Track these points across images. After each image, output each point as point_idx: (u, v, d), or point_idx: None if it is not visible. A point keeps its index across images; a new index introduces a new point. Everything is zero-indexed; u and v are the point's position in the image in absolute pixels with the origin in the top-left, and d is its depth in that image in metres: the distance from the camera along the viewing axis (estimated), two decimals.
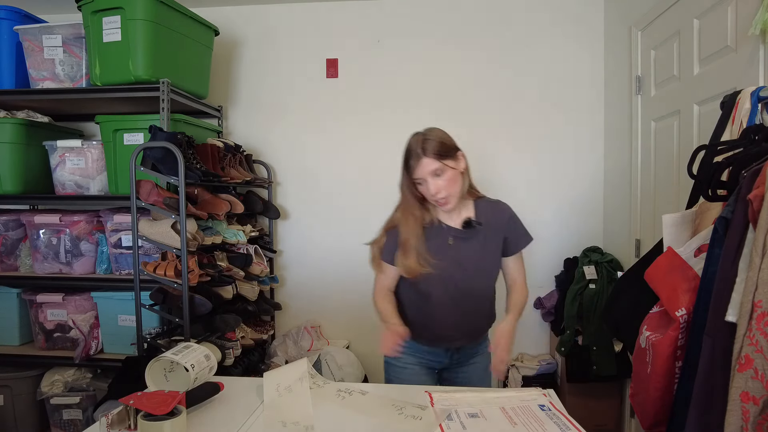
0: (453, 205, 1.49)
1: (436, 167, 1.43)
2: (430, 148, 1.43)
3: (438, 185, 1.44)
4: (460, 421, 1.17)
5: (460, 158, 1.50)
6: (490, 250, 1.56)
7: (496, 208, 1.59)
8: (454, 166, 1.46)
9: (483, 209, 1.57)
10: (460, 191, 1.50)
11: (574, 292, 2.47)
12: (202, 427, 1.16)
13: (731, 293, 0.92)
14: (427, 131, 1.49)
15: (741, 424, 0.86)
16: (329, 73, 2.93)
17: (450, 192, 1.46)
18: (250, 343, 2.52)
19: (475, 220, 1.54)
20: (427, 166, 1.43)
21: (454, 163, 1.47)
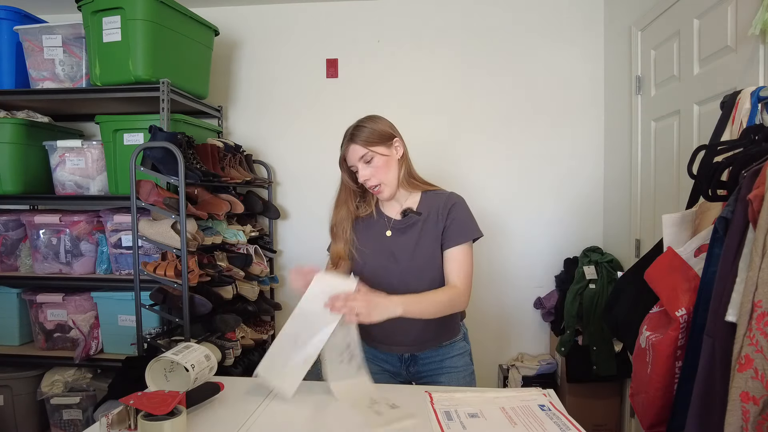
0: (388, 194, 1.46)
1: (363, 153, 1.43)
2: (359, 135, 1.43)
3: (366, 172, 1.43)
4: (460, 421, 1.17)
5: (395, 146, 1.47)
6: (426, 243, 1.45)
7: (441, 198, 1.48)
8: (385, 153, 1.44)
9: (428, 200, 1.49)
10: (395, 179, 1.46)
11: (574, 292, 2.47)
12: (202, 427, 1.16)
13: (731, 293, 0.92)
14: (363, 119, 1.48)
15: (741, 424, 0.86)
16: (329, 73, 2.93)
17: (381, 179, 1.44)
18: (250, 343, 2.52)
19: (413, 210, 1.48)
20: (354, 152, 1.44)
21: (386, 150, 1.44)
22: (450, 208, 1.45)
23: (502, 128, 2.84)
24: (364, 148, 1.43)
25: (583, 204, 2.82)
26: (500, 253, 2.88)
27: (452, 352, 1.55)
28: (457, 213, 1.45)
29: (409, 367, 1.56)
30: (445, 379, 1.52)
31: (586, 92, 2.80)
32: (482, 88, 2.85)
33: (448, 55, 2.86)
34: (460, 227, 1.44)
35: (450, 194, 1.51)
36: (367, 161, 1.43)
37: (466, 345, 1.59)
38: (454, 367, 1.54)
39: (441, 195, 1.50)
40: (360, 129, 1.44)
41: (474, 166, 2.87)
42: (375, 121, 1.47)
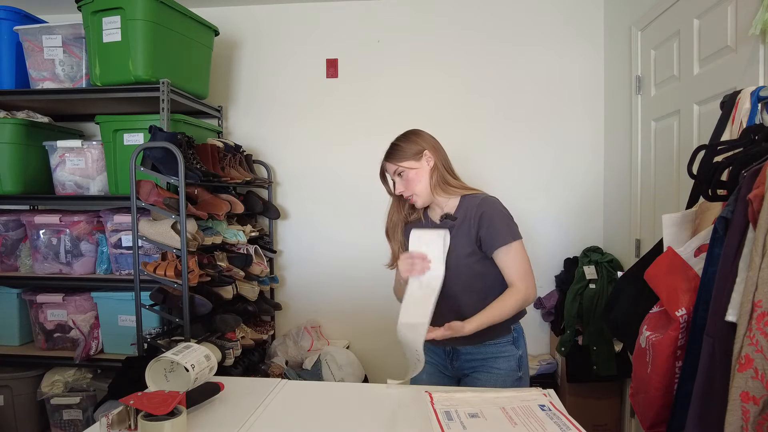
0: (421, 202, 1.58)
1: (394, 169, 1.56)
2: (390, 153, 1.58)
3: (399, 185, 1.57)
4: (460, 421, 1.17)
5: (425, 158, 1.56)
6: (460, 246, 1.53)
7: (476, 203, 1.54)
8: (414, 167, 1.55)
9: (464, 204, 1.57)
10: (426, 189, 1.56)
11: (574, 292, 2.47)
12: (202, 427, 1.16)
13: (731, 293, 0.92)
14: (399, 136, 1.61)
15: (741, 424, 0.86)
16: (329, 73, 2.93)
17: (413, 191, 1.55)
18: (250, 344, 2.52)
19: (451, 214, 1.56)
20: (388, 168, 1.59)
21: (416, 164, 1.55)
22: (481, 214, 1.51)
23: (502, 128, 2.84)
24: (395, 165, 1.56)
25: (583, 204, 2.82)
26: None
27: (496, 353, 1.56)
28: (490, 218, 1.51)
29: (453, 361, 1.60)
30: (483, 377, 1.54)
31: (586, 92, 2.80)
32: (482, 88, 2.85)
33: (447, 55, 2.86)
34: (498, 229, 1.50)
35: (483, 199, 1.55)
36: (399, 174, 1.56)
37: (514, 349, 1.58)
38: (496, 368, 1.55)
39: (475, 199, 1.56)
40: (393, 147, 1.59)
41: (474, 166, 2.87)
42: (408, 138, 1.59)
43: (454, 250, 1.53)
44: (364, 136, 2.92)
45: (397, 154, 1.56)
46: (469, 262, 1.53)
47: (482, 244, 1.52)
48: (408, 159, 1.55)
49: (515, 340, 1.60)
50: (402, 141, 1.59)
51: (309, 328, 2.88)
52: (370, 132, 2.92)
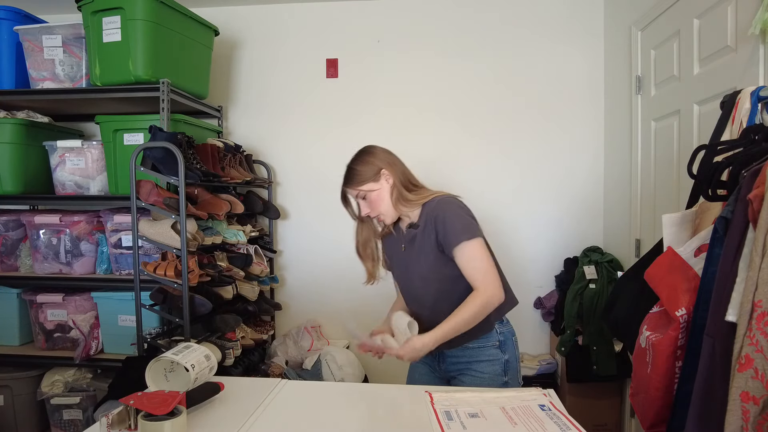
0: (390, 220, 1.58)
1: (356, 194, 1.56)
2: (348, 178, 1.56)
3: (364, 208, 1.57)
4: (460, 421, 1.17)
5: (384, 177, 1.55)
6: (425, 252, 1.53)
7: (432, 206, 1.52)
8: (375, 188, 1.54)
9: (425, 211, 1.55)
10: (391, 207, 1.55)
11: (574, 292, 2.47)
12: (202, 427, 1.16)
13: (731, 293, 0.92)
14: (353, 158, 1.58)
15: (741, 424, 0.86)
16: (329, 73, 2.93)
17: (379, 211, 1.56)
18: (250, 343, 2.52)
19: (414, 223, 1.57)
20: (350, 193, 1.58)
21: (376, 185, 1.54)
22: (435, 217, 1.49)
23: (503, 128, 2.84)
24: (355, 189, 1.55)
25: (583, 204, 2.82)
26: (500, 253, 2.84)
27: (481, 357, 1.54)
28: (443, 219, 1.48)
29: (440, 363, 1.61)
30: (467, 380, 1.53)
31: (586, 92, 2.80)
32: (482, 88, 2.85)
33: (448, 54, 2.86)
34: (451, 230, 1.46)
35: (437, 202, 1.52)
36: (362, 197, 1.56)
37: (499, 353, 1.54)
38: (480, 372, 1.53)
39: (432, 203, 1.54)
40: (349, 172, 1.56)
41: (474, 166, 2.87)
42: (362, 160, 1.57)
43: (421, 259, 1.54)
44: (364, 136, 2.90)
45: (356, 179, 1.55)
46: (435, 268, 1.51)
47: (443, 247, 1.49)
48: (367, 181, 1.54)
49: (502, 344, 1.55)
50: (357, 164, 1.56)
51: (309, 328, 2.88)
52: (370, 132, 2.91)
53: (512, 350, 1.58)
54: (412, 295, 1.62)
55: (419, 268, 1.54)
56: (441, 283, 1.52)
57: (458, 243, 1.45)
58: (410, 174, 1.61)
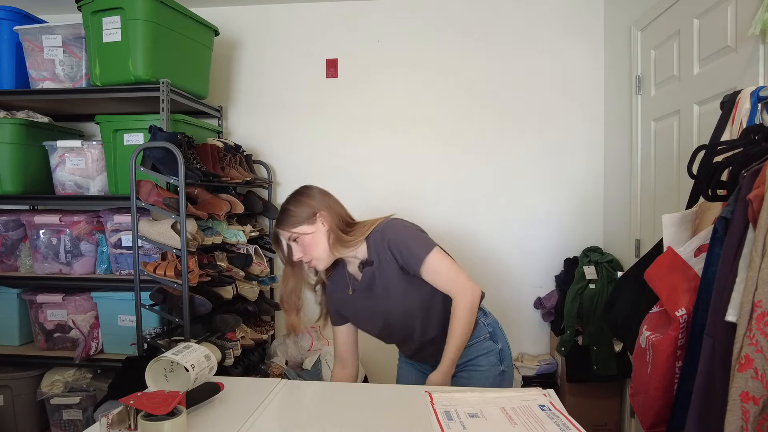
0: (322, 266, 1.51)
1: (288, 236, 1.47)
2: (282, 220, 1.47)
3: (296, 252, 1.48)
4: (460, 421, 1.17)
5: (320, 220, 1.48)
6: (393, 283, 1.47)
7: (379, 238, 1.47)
8: (309, 231, 1.46)
9: (372, 245, 1.49)
10: (325, 252, 1.48)
11: (574, 292, 2.47)
12: (202, 427, 1.16)
13: (731, 293, 0.92)
14: (288, 199, 1.51)
15: (741, 424, 0.86)
16: (329, 73, 2.93)
17: (313, 256, 1.48)
18: (250, 344, 2.52)
19: (366, 260, 1.50)
20: (282, 235, 1.49)
21: (311, 228, 1.46)
22: (389, 242, 1.45)
23: (502, 127, 2.84)
24: (288, 232, 1.47)
25: (583, 204, 2.82)
26: (500, 253, 2.88)
27: (477, 352, 1.55)
28: (397, 243, 1.45)
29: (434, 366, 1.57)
30: (467, 376, 1.54)
31: (586, 92, 2.80)
32: (482, 88, 2.85)
33: (447, 55, 2.86)
34: (409, 254, 1.44)
35: (383, 230, 1.48)
36: (295, 240, 1.47)
37: (493, 344, 1.56)
38: (479, 366, 1.54)
39: (377, 235, 1.48)
40: (283, 212, 1.48)
41: (474, 166, 2.88)
42: (298, 201, 1.49)
43: (390, 292, 1.48)
44: (364, 136, 2.92)
45: (290, 220, 1.46)
46: (410, 290, 1.48)
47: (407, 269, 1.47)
48: (301, 224, 1.46)
49: (492, 335, 1.57)
50: (293, 205, 1.48)
51: (309, 328, 2.87)
52: (370, 132, 2.92)
53: (503, 338, 1.60)
54: (392, 332, 1.56)
55: (394, 301, 1.48)
56: (423, 301, 1.49)
57: (421, 262, 1.42)
58: (346, 214, 1.55)
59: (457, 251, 2.86)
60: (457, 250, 2.90)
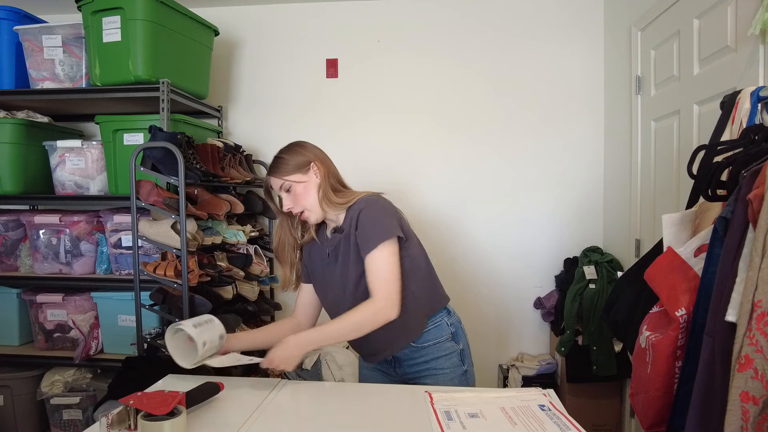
0: (314, 218, 1.47)
1: (280, 184, 1.45)
2: (275, 167, 1.46)
3: (287, 201, 1.45)
4: (460, 421, 1.17)
5: (313, 170, 1.46)
6: (350, 259, 1.44)
7: (355, 208, 1.43)
8: (301, 180, 1.44)
9: (349, 214, 1.46)
10: (317, 203, 1.44)
11: (574, 292, 2.47)
12: (202, 427, 1.16)
13: (731, 293, 0.92)
14: (282, 149, 1.49)
15: (741, 424, 0.86)
16: (329, 73, 2.93)
17: (303, 206, 1.45)
18: None
19: (338, 227, 1.48)
20: (273, 184, 1.47)
21: (303, 177, 1.45)
22: (357, 217, 1.40)
23: (502, 128, 2.84)
24: (280, 179, 1.44)
25: (583, 204, 2.82)
26: (500, 253, 2.88)
27: (438, 353, 1.49)
28: (363, 220, 1.39)
29: (396, 368, 1.55)
30: (431, 381, 1.48)
31: (586, 92, 2.80)
32: (482, 88, 2.85)
33: (447, 55, 2.86)
34: (365, 234, 1.38)
35: (360, 201, 1.44)
36: (287, 190, 1.45)
37: (454, 345, 1.51)
38: (440, 368, 1.49)
39: (357, 204, 1.44)
40: (277, 160, 1.47)
41: (474, 166, 2.88)
42: (292, 150, 1.48)
43: (345, 267, 1.45)
44: (364, 136, 2.92)
45: (282, 168, 1.44)
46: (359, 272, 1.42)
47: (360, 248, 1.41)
48: (294, 172, 1.44)
49: (454, 336, 1.52)
50: (286, 153, 1.46)
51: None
52: (369, 132, 2.92)
53: (464, 339, 1.55)
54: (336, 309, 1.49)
55: (343, 277, 1.44)
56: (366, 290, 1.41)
57: (371, 248, 1.36)
58: (339, 175, 1.52)
59: (457, 251, 2.88)
60: (457, 250, 2.91)
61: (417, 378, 1.52)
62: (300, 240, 1.57)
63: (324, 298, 1.56)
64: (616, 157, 2.63)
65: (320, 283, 1.56)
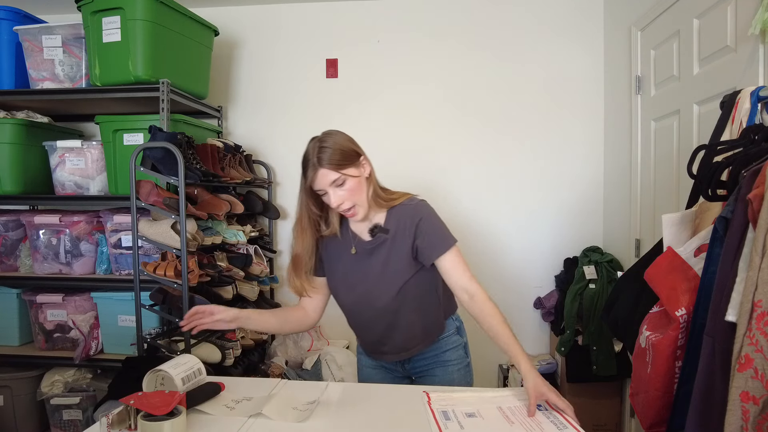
0: (362, 214, 1.39)
1: (335, 178, 1.32)
2: (326, 158, 1.31)
3: (339, 196, 1.34)
4: (457, 421, 1.17)
5: (363, 164, 1.39)
6: (396, 259, 1.41)
7: (408, 212, 1.41)
8: (356, 174, 1.35)
9: (395, 215, 1.43)
10: (366, 199, 1.39)
11: (574, 292, 2.47)
12: (202, 427, 1.16)
13: (731, 293, 0.92)
14: (325, 136, 1.38)
15: (741, 424, 0.86)
16: (329, 73, 2.93)
17: (355, 201, 1.36)
18: (250, 344, 2.52)
19: (381, 226, 1.43)
20: (324, 177, 1.32)
21: (356, 171, 1.36)
22: (418, 222, 1.39)
23: (503, 128, 2.84)
24: (336, 172, 1.32)
25: (583, 204, 2.82)
26: (500, 253, 2.88)
27: (445, 347, 1.54)
28: (427, 228, 1.39)
29: (404, 365, 1.58)
30: (440, 372, 1.53)
31: (586, 92, 2.80)
32: (482, 88, 2.85)
33: (447, 55, 2.86)
34: (433, 241, 1.39)
35: (415, 206, 1.43)
36: (339, 185, 1.33)
37: (459, 338, 1.57)
38: (449, 360, 1.54)
39: (407, 208, 1.43)
40: (325, 151, 1.32)
41: (474, 166, 2.88)
42: (339, 138, 1.38)
43: (391, 267, 1.42)
44: (364, 136, 2.90)
45: (338, 160, 1.32)
46: (405, 277, 1.42)
47: (419, 254, 1.40)
48: (349, 165, 1.34)
49: (458, 330, 1.59)
50: (340, 144, 1.35)
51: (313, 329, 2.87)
52: (369, 132, 2.91)
53: (465, 332, 1.62)
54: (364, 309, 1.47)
55: (387, 273, 1.41)
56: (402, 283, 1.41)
57: (445, 251, 1.38)
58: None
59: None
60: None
61: (424, 371, 1.55)
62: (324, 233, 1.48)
63: (344, 295, 1.50)
64: (616, 157, 2.63)
65: (340, 279, 1.49)
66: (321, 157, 1.32)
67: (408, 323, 1.47)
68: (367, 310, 1.47)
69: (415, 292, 1.45)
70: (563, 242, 2.82)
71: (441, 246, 1.38)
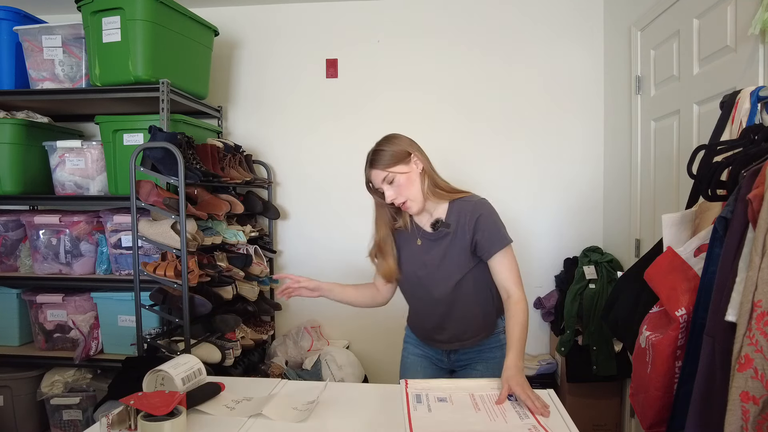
0: (416, 208, 1.51)
1: (384, 176, 1.48)
2: (376, 160, 1.48)
3: (391, 192, 1.48)
4: (427, 404, 1.24)
5: (414, 161, 1.50)
6: (454, 253, 1.51)
7: (469, 207, 1.51)
8: (404, 171, 1.48)
9: (456, 210, 1.52)
10: (420, 193, 1.50)
11: (574, 292, 2.47)
12: (202, 427, 1.16)
13: (731, 293, 0.92)
14: (380, 141, 1.53)
15: (741, 423, 0.86)
16: (329, 73, 2.93)
17: (407, 196, 1.48)
18: (250, 344, 2.52)
19: (442, 221, 1.52)
20: (375, 177, 1.50)
21: (406, 168, 1.48)
22: (478, 217, 1.48)
23: (502, 128, 2.84)
24: (384, 171, 1.47)
25: (583, 204, 2.82)
26: None
27: (491, 344, 1.61)
28: (486, 224, 1.48)
29: (450, 355, 1.64)
30: (482, 368, 1.59)
31: (586, 92, 2.80)
32: (481, 89, 2.85)
33: (447, 56, 2.86)
34: (491, 237, 1.47)
35: (476, 203, 1.52)
36: (390, 182, 1.48)
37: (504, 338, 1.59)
38: (492, 357, 1.60)
39: (468, 204, 1.52)
40: (377, 153, 1.49)
41: (473, 166, 2.87)
42: (391, 142, 1.51)
43: (449, 259, 1.51)
44: (364, 136, 2.90)
45: (384, 160, 1.47)
46: (464, 270, 1.51)
47: (477, 249, 1.49)
48: (397, 163, 1.47)
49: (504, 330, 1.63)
50: (386, 145, 1.50)
51: (309, 328, 2.88)
52: (369, 132, 2.89)
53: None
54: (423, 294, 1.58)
55: (444, 266, 1.51)
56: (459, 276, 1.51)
57: (503, 247, 1.46)
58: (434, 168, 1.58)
59: None
60: None
61: (467, 365, 1.62)
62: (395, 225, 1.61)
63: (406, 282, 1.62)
64: (616, 157, 2.63)
65: (404, 267, 1.60)
66: (372, 159, 1.50)
67: (462, 315, 1.56)
68: (425, 298, 1.58)
69: (471, 287, 1.53)
70: (563, 242, 2.82)
71: (497, 244, 1.47)
